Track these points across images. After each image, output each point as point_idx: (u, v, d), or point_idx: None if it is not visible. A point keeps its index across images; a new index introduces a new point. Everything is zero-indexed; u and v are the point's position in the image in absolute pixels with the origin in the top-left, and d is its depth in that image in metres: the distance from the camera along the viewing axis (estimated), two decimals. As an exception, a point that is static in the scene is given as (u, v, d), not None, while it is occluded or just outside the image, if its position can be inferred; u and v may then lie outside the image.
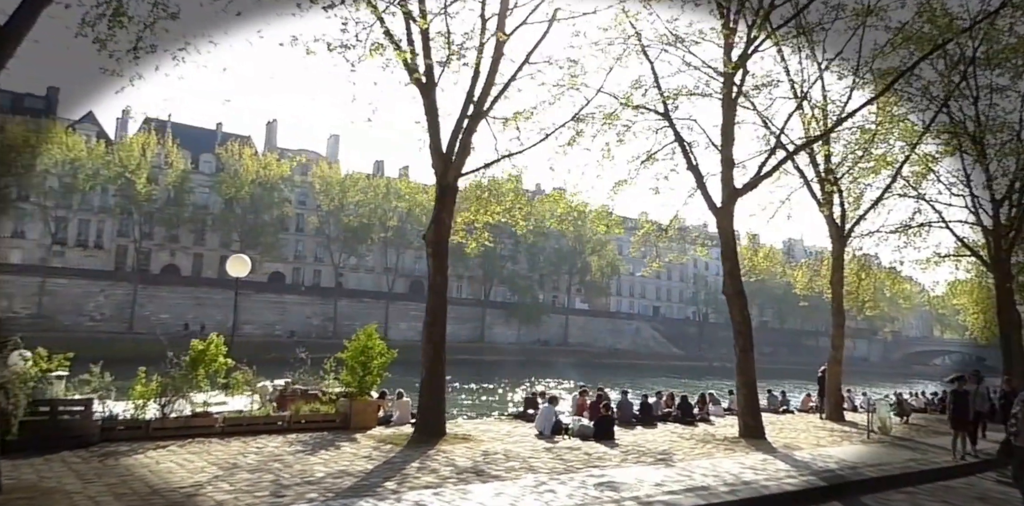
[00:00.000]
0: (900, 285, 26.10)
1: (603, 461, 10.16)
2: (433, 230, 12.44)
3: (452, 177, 12.46)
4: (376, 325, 13.83)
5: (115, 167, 55.66)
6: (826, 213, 18.53)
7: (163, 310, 60.12)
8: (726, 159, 14.32)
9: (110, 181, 56.61)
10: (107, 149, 57.13)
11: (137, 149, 56.90)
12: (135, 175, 55.88)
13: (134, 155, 56.31)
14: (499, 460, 9.85)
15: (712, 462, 10.46)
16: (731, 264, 14.19)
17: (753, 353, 14.31)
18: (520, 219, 19.33)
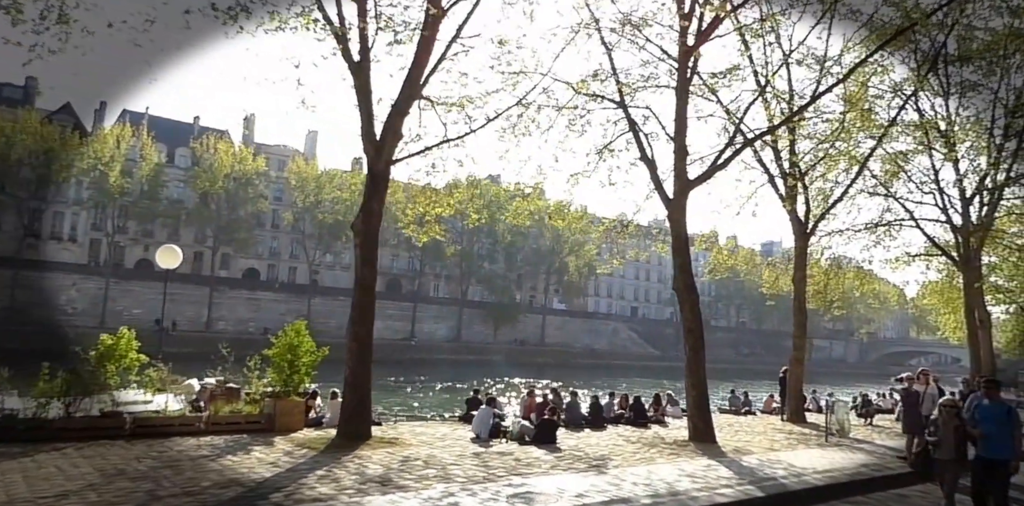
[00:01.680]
0: (870, 285, 25.57)
1: (531, 468, 9.41)
2: (362, 219, 11.63)
3: (384, 163, 11.65)
4: (304, 322, 12.95)
5: (89, 159, 54.47)
6: (789, 208, 17.90)
7: (136, 305, 59.00)
8: (679, 148, 13.61)
9: (83, 173, 55.43)
10: (81, 141, 55.93)
11: (111, 141, 55.80)
12: (108, 168, 54.80)
13: (108, 147, 55.21)
14: (416, 467, 9.08)
15: (650, 469, 9.74)
16: (683, 259, 13.49)
17: (704, 352, 13.64)
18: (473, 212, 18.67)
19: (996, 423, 7.27)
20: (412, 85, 11.79)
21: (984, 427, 7.32)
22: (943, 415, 7.69)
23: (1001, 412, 7.43)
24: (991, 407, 7.54)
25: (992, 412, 7.46)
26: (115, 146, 55.80)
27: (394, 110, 11.74)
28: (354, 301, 11.59)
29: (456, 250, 73.07)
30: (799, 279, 18.35)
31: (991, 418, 7.36)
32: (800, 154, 18.05)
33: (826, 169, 19.27)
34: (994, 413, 7.41)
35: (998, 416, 7.36)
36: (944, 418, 7.66)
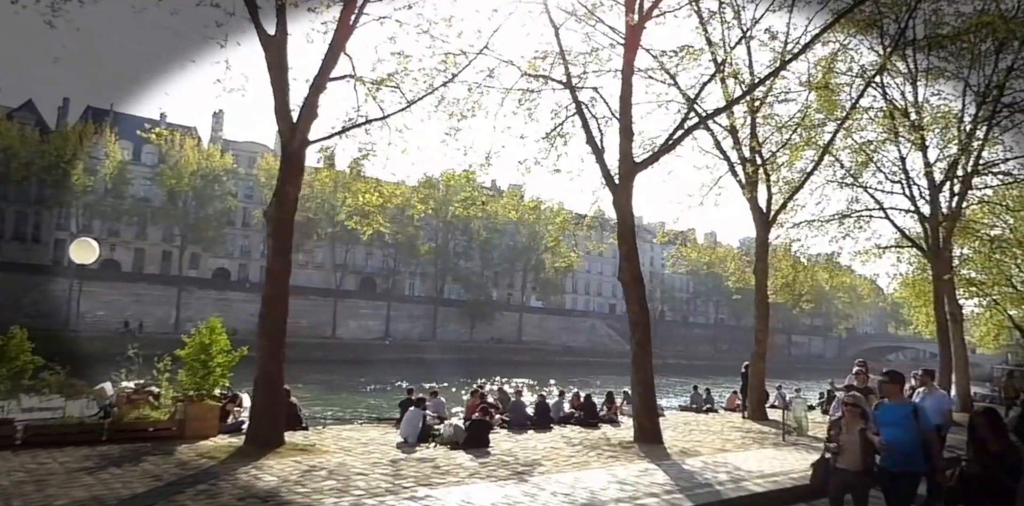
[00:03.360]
0: (839, 278, 24.95)
1: (445, 477, 8.53)
2: (275, 205, 10.69)
3: (298, 143, 10.70)
4: (220, 318, 11.98)
5: (50, 156, 52.82)
6: (748, 196, 17.14)
7: (100, 307, 57.51)
8: (624, 129, 12.77)
9: (44, 171, 53.75)
10: (42, 138, 54.28)
11: (73, 138, 54.17)
12: (70, 165, 53.21)
13: (70, 144, 53.59)
14: (316, 479, 8.17)
15: (578, 476, 8.90)
16: (628, 247, 12.66)
17: (651, 346, 12.81)
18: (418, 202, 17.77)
19: (899, 427, 5.80)
20: (330, 60, 10.86)
21: (885, 432, 5.83)
22: (846, 415, 6.22)
23: (904, 413, 5.90)
24: (893, 407, 6.05)
25: (894, 413, 5.95)
26: (77, 143, 54.22)
27: (311, 87, 10.80)
28: (264, 294, 10.65)
29: (431, 248, 72.05)
30: (760, 271, 17.62)
31: (893, 421, 5.88)
32: (762, 138, 17.31)
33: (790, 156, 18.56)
34: (896, 414, 5.91)
35: (901, 418, 5.85)
36: (848, 419, 6.19)
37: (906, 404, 6.11)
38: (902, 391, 6.25)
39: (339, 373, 48.55)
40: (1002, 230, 22.45)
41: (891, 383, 6.14)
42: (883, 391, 6.25)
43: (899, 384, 6.17)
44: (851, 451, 6.06)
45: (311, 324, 67.87)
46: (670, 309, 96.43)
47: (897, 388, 6.17)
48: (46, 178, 54.92)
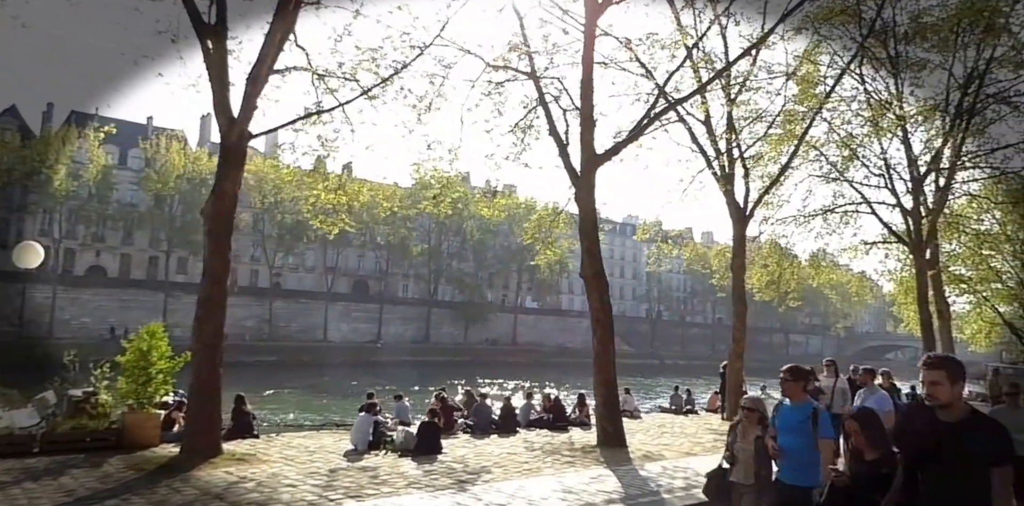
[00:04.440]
0: (826, 275, 24.45)
1: (381, 487, 8.01)
2: (212, 202, 10.17)
3: (237, 135, 10.18)
4: (161, 324, 11.45)
5: (32, 161, 52.22)
6: (724, 189, 16.63)
7: (85, 313, 56.88)
8: (586, 118, 12.25)
9: (26, 177, 53.13)
10: (23, 143, 53.71)
11: (56, 143, 53.56)
12: (53, 170, 52.58)
13: (53, 149, 52.98)
14: (240, 491, 7.66)
15: (525, 483, 8.38)
16: (590, 242, 12.15)
17: (614, 345, 12.28)
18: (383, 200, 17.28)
19: (796, 433, 4.84)
20: (269, 48, 10.35)
21: (781, 439, 4.91)
22: (743, 420, 5.34)
23: (802, 416, 4.89)
24: (791, 410, 5.02)
25: (791, 417, 4.96)
26: (60, 148, 53.63)
27: (249, 78, 10.29)
28: (200, 296, 10.12)
29: (423, 249, 71.48)
30: (737, 267, 17.11)
31: (790, 425, 4.92)
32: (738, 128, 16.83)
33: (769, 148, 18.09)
34: (794, 418, 4.93)
35: (798, 423, 4.87)
36: (744, 424, 5.30)
37: (805, 406, 4.99)
38: (805, 390, 5.18)
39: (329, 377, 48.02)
40: (990, 225, 21.99)
41: (792, 381, 5.05)
42: (783, 390, 5.15)
43: (801, 382, 5.12)
44: (744, 462, 5.19)
45: (302, 328, 67.36)
46: (667, 309, 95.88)
47: (799, 387, 5.08)
48: (28, 183, 54.31)
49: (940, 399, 3.21)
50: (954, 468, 3.09)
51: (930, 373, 3.24)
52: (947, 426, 3.16)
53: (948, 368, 3.21)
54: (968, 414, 3.20)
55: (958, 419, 3.18)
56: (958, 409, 3.20)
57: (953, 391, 3.21)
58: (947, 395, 3.19)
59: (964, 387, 3.25)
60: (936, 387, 3.22)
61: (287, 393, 38.14)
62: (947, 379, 3.19)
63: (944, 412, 3.22)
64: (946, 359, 3.28)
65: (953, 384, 3.22)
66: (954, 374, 3.20)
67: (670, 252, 21.20)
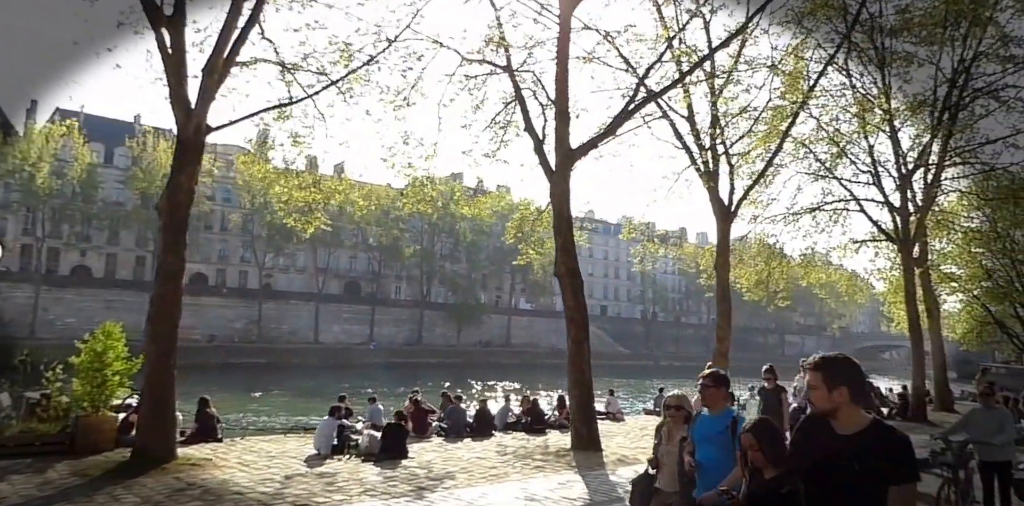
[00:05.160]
0: (815, 274, 24.09)
1: (334, 495, 7.59)
2: (167, 197, 9.73)
3: (193, 128, 9.75)
4: (114, 324, 10.99)
5: (14, 159, 51.56)
6: (707, 186, 16.24)
7: (69, 314, 56.08)
8: (560, 112, 11.86)
9: (8, 174, 52.50)
10: (5, 140, 52.97)
11: (40, 141, 52.94)
12: (36, 168, 51.96)
13: (36, 147, 52.34)
14: (183, 499, 7.26)
15: (487, 490, 7.98)
16: (564, 239, 11.76)
17: (588, 344, 11.86)
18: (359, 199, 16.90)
19: (715, 445, 4.20)
20: (226, 39, 9.94)
21: (699, 451, 4.27)
22: (669, 420, 4.75)
23: (721, 426, 4.24)
24: (709, 420, 4.35)
25: (709, 427, 4.29)
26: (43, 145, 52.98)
27: (204, 69, 9.87)
28: (154, 294, 9.69)
29: (416, 250, 70.98)
30: (721, 265, 16.71)
31: (709, 436, 4.26)
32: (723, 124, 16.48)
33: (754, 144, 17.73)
34: (712, 428, 4.26)
35: (717, 434, 4.23)
36: (670, 425, 4.74)
37: (725, 415, 4.32)
38: (726, 398, 4.50)
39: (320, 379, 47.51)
40: (979, 222, 21.65)
41: (713, 387, 4.39)
42: (703, 397, 4.49)
43: (723, 388, 4.43)
44: (669, 467, 4.57)
45: (292, 329, 66.77)
46: (661, 310, 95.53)
47: (720, 394, 4.40)
48: (11, 182, 53.68)
49: (816, 406, 2.72)
50: (850, 488, 2.54)
51: (810, 376, 2.76)
52: (842, 440, 2.62)
53: (826, 370, 2.70)
54: (867, 425, 2.63)
55: (854, 431, 2.62)
56: (851, 419, 2.65)
57: (832, 397, 2.65)
58: (824, 401, 2.67)
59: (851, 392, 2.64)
60: (813, 392, 2.72)
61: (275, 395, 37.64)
62: (823, 383, 2.67)
63: (840, 423, 2.66)
64: (826, 360, 2.74)
65: (832, 389, 2.66)
66: (832, 377, 2.67)
67: (656, 251, 20.78)
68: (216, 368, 51.61)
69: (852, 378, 2.68)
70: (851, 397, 2.65)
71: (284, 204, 15.87)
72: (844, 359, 2.75)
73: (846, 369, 2.70)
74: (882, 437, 2.57)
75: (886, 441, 2.55)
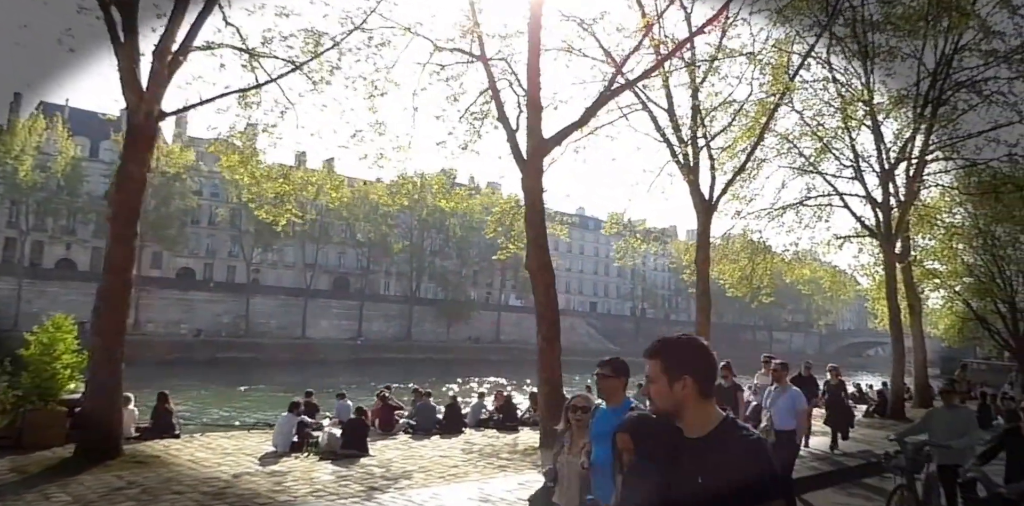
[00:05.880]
0: (799, 271, 23.89)
1: (281, 495, 7.28)
2: (116, 186, 9.37)
3: (144, 114, 9.36)
4: (66, 316, 10.66)
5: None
6: (687, 179, 15.93)
7: (54, 307, 55.23)
8: (533, 101, 11.52)
9: (-9, 167, 52.04)
10: (-12, 133, 52.49)
11: (23, 134, 52.43)
12: (19, 161, 51.42)
13: (18, 140, 51.79)
14: (117, 499, 6.94)
15: (441, 491, 7.67)
16: (536, 232, 11.42)
17: (559, 342, 11.56)
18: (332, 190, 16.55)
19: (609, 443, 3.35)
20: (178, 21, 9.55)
21: (595, 451, 3.74)
22: (572, 426, 4.09)
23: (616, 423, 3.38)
24: (608, 414, 3.75)
25: (606, 424, 3.61)
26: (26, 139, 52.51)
27: (155, 52, 9.49)
28: (100, 287, 9.31)
29: (405, 246, 70.61)
30: (702, 260, 16.43)
31: (603, 435, 3.56)
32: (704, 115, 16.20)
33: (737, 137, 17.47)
34: (610, 424, 3.49)
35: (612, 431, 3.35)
36: (573, 432, 4.08)
37: (623, 408, 3.68)
38: (624, 389, 3.94)
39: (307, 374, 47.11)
40: (961, 218, 21.50)
41: (613, 377, 3.85)
42: (600, 388, 3.96)
43: (623, 378, 3.89)
44: (569, 479, 3.93)
45: (281, 324, 66.36)
46: (651, 307, 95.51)
47: (619, 384, 3.87)
48: (-5, 175, 53.19)
49: (656, 403, 2.06)
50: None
51: (647, 365, 2.06)
52: (688, 444, 2.00)
53: (666, 356, 2.03)
54: (716, 425, 1.97)
55: (700, 435, 1.98)
56: (699, 419, 1.99)
57: (674, 392, 1.99)
58: (664, 397, 2.01)
59: (697, 383, 1.98)
60: (652, 386, 2.05)
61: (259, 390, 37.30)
62: (663, 373, 2.00)
63: (686, 423, 2.01)
64: (666, 344, 2.06)
65: (675, 380, 1.98)
66: (675, 365, 2.00)
67: (639, 246, 20.48)
68: (202, 363, 51.28)
69: (699, 365, 2.01)
70: (699, 390, 1.99)
71: (254, 195, 15.51)
72: (688, 341, 2.06)
73: (691, 354, 2.03)
74: (731, 440, 1.92)
75: (736, 446, 1.90)
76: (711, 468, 1.89)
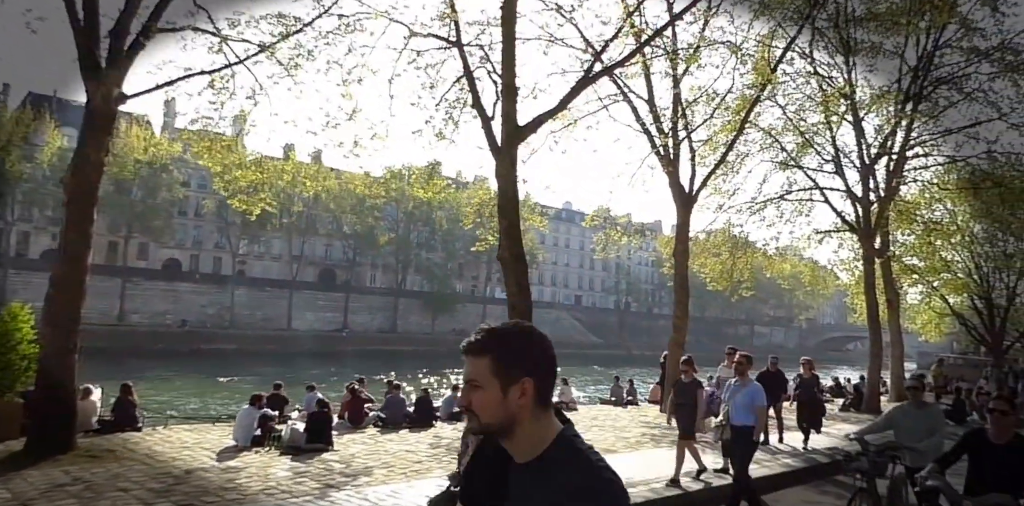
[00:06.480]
0: (780, 265, 23.86)
1: (230, 493, 7.07)
2: (72, 170, 9.08)
3: (102, 97, 9.06)
4: (22, 304, 10.37)
5: (-18, 144, 50.42)
6: (667, 170, 15.78)
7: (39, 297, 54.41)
8: (507, 87, 11.27)
9: (-24, 159, 51.32)
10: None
11: (9, 125, 51.79)
12: (5, 152, 50.77)
13: (4, 131, 51.15)
14: (58, 497, 6.70)
15: (400, 488, 7.49)
16: (509, 222, 11.19)
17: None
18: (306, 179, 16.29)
19: None
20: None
21: None
22: None
23: None
24: None
25: None
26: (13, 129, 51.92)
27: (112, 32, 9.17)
28: (54, 274, 9.03)
29: (391, 239, 70.33)
30: (680, 253, 16.32)
31: None
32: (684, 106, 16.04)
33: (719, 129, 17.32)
34: None
35: None
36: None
37: None
38: None
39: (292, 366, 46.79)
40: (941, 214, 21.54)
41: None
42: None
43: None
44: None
45: (266, 316, 66.00)
46: (635, 301, 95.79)
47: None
48: (-21, 166, 52.52)
49: (482, 419, 1.49)
50: None
51: (468, 365, 1.53)
52: (516, 470, 1.50)
53: (501, 352, 1.48)
54: (550, 445, 1.48)
55: (531, 457, 1.48)
56: (530, 436, 1.48)
57: (509, 400, 1.47)
58: (492, 408, 1.48)
59: (537, 388, 1.48)
60: (476, 394, 1.50)
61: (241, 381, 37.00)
62: (494, 375, 1.47)
63: (516, 444, 1.50)
64: (500, 335, 1.51)
65: (510, 383, 1.46)
66: (511, 363, 1.47)
67: (619, 239, 20.37)
68: (186, 354, 50.90)
69: (541, 362, 1.51)
70: (539, 397, 1.49)
71: (227, 183, 15.24)
72: (527, 331, 1.53)
73: (531, 348, 1.51)
74: (561, 469, 1.42)
75: (565, 476, 1.40)
76: (539, 492, 1.41)
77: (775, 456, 10.74)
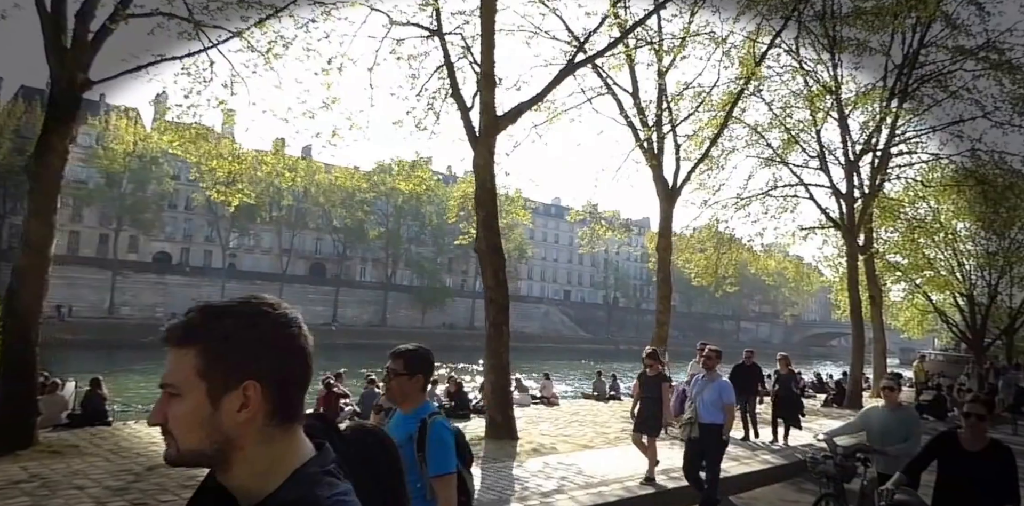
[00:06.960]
0: (764, 261, 23.85)
1: (187, 492, 6.88)
2: (36, 159, 8.86)
3: (66, 82, 8.84)
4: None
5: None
6: (650, 163, 15.66)
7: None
8: (486, 76, 11.12)
9: (-35, 151, 51.01)
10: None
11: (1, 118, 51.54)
12: (-7, 144, 50.57)
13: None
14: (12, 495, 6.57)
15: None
16: (486, 213, 11.07)
17: (508, 328, 11.25)
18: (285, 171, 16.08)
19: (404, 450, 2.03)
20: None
21: None
22: None
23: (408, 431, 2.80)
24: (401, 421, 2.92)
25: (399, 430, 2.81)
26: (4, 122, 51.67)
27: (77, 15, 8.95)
28: (17, 264, 8.84)
29: (381, 233, 70.18)
30: (663, 247, 16.21)
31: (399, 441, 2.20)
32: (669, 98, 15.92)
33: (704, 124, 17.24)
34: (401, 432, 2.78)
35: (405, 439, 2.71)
36: None
37: (414, 414, 2.87)
38: (423, 389, 2.99)
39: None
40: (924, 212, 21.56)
41: (405, 375, 2.89)
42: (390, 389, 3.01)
43: (418, 377, 2.92)
44: None
45: (255, 310, 65.90)
46: (623, 296, 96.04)
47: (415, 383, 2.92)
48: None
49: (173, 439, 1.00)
50: None
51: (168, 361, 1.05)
52: None
53: (211, 341, 1.03)
54: (280, 487, 1.00)
55: (258, 499, 1.00)
56: (247, 470, 1.02)
57: (225, 414, 1.00)
58: (193, 427, 0.99)
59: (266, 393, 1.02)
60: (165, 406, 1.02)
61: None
62: (200, 376, 1.01)
63: (231, 480, 1.03)
64: (213, 315, 1.05)
65: (225, 389, 1.01)
66: (223, 356, 1.02)
67: (604, 234, 20.27)
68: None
69: (277, 354, 1.06)
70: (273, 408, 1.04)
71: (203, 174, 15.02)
72: (255, 311, 1.09)
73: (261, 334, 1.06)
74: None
75: None
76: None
77: (754, 452, 10.67)
